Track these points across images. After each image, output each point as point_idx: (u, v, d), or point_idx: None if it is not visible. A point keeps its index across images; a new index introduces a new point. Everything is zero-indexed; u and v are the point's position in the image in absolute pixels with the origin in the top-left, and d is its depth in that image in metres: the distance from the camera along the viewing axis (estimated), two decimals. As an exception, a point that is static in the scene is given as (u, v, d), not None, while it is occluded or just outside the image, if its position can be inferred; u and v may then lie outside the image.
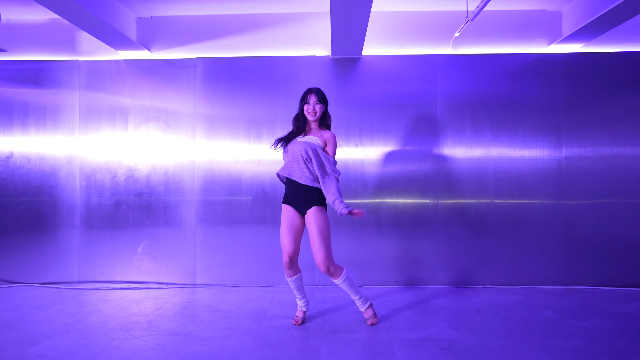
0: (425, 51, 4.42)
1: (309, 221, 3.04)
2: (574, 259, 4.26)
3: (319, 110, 3.13)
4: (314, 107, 3.12)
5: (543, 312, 3.47)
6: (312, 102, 3.12)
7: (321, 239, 2.97)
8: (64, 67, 4.45)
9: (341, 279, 3.04)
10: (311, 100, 3.12)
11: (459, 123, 4.33)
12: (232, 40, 4.49)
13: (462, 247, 4.31)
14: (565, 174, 4.29)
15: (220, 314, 3.48)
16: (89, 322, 3.28)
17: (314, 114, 3.12)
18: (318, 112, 3.13)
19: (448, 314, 3.46)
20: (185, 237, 4.41)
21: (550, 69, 4.30)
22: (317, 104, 3.12)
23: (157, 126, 4.43)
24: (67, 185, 4.45)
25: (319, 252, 2.97)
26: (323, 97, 3.17)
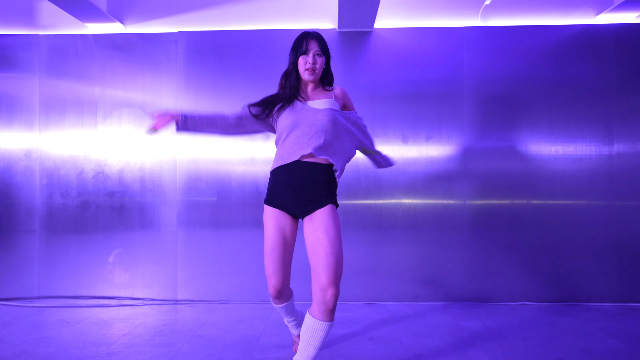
0: (450, 23, 3.73)
1: (321, 225, 2.04)
2: (629, 270, 3.57)
3: (319, 67, 2.17)
4: (314, 60, 2.15)
5: (605, 341, 2.77)
6: (312, 52, 2.15)
7: (338, 248, 2.01)
8: (21, 44, 3.76)
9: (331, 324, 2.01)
10: (311, 49, 2.15)
11: (489, 113, 3.64)
12: (220, 11, 3.79)
13: (493, 255, 3.62)
14: (618, 172, 3.59)
15: (203, 341, 2.79)
16: (33, 354, 2.59)
17: (312, 71, 2.15)
18: (319, 67, 2.17)
19: (485, 341, 2.77)
20: (165, 243, 3.72)
21: (600, 43, 3.60)
22: (319, 55, 2.17)
23: (131, 113, 3.74)
24: (25, 183, 3.76)
25: (333, 265, 1.96)
26: (326, 46, 2.21)
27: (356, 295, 3.64)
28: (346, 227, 3.58)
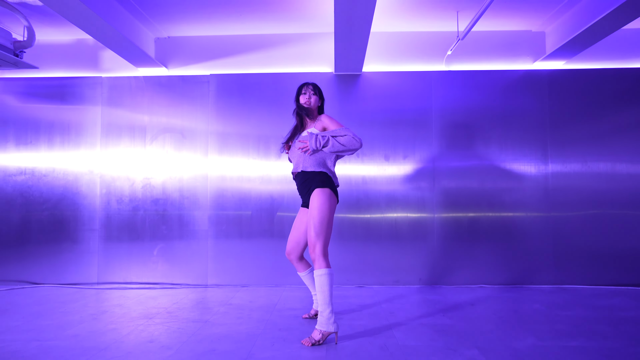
0: (421, 68, 4.80)
1: (310, 205, 2.95)
2: (562, 262, 4.56)
3: (313, 101, 3.13)
4: (309, 96, 3.12)
5: (532, 305, 3.76)
6: (309, 91, 3.14)
7: (318, 220, 2.86)
8: (87, 84, 4.83)
9: (320, 271, 2.80)
10: (308, 89, 3.14)
11: (452, 138, 4.68)
12: (242, 58, 4.88)
13: (457, 253, 4.61)
14: (553, 188, 4.61)
15: (233, 307, 3.76)
16: (113, 312, 3.57)
17: (308, 103, 3.11)
18: (313, 102, 3.12)
19: (443, 306, 3.75)
20: (198, 241, 4.72)
21: (536, 84, 4.67)
22: (313, 94, 3.14)
23: (172, 137, 4.78)
24: (89, 192, 4.78)
25: (311, 233, 2.87)
26: (319, 90, 3.18)
27: (349, 280, 4.62)
28: (342, 235, 4.61)
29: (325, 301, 2.78)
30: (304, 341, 2.78)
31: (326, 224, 2.89)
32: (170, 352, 2.63)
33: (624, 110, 4.61)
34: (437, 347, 2.71)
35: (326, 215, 2.89)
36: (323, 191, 2.94)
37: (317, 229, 2.87)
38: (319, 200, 2.91)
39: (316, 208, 2.90)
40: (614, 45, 4.72)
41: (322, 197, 2.92)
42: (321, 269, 2.82)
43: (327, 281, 2.80)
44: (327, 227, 2.89)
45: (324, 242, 2.87)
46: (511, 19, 4.52)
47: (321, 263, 2.83)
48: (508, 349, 2.66)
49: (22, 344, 2.79)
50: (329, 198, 2.94)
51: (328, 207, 2.92)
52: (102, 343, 2.80)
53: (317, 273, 2.82)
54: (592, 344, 2.76)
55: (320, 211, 2.89)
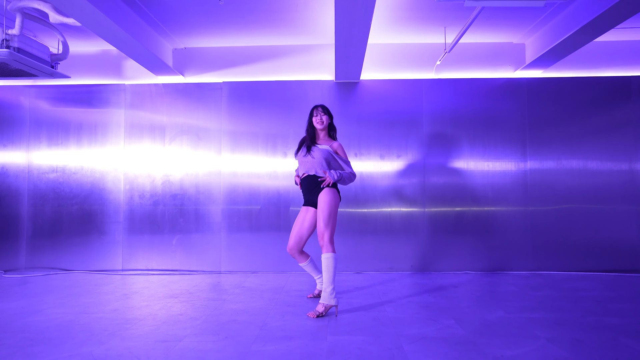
0: (413, 76, 5.32)
1: (319, 200, 3.53)
2: (539, 251, 5.09)
3: (325, 120, 3.70)
4: (321, 118, 3.69)
5: (507, 287, 4.30)
6: (320, 114, 3.71)
7: (327, 213, 3.44)
8: (112, 90, 5.35)
9: (327, 255, 3.35)
10: (318, 112, 3.72)
11: (441, 137, 5.20)
12: (252, 67, 5.39)
13: (445, 243, 5.14)
14: (531, 184, 5.14)
15: (246, 289, 4.30)
16: (142, 293, 4.11)
17: (322, 122, 3.69)
18: (325, 121, 3.70)
19: (429, 288, 4.28)
20: (212, 232, 5.25)
21: (516, 91, 5.19)
22: (323, 115, 3.71)
23: (189, 138, 5.30)
24: (113, 187, 5.31)
25: (320, 224, 3.45)
26: (327, 110, 3.75)
27: (348, 267, 5.15)
28: (341, 227, 5.13)
29: (329, 279, 3.36)
30: (310, 313, 3.33)
31: (333, 216, 3.50)
32: (199, 322, 3.17)
33: (595, 114, 5.13)
34: (420, 318, 3.25)
35: (334, 209, 3.51)
36: (332, 190, 3.56)
37: (326, 220, 3.46)
38: (328, 197, 3.51)
39: (326, 202, 3.50)
40: (587, 56, 5.23)
41: (331, 194, 3.53)
42: (329, 253, 3.39)
43: (333, 263, 3.37)
44: (334, 219, 3.50)
45: (331, 231, 3.47)
46: (494, 32, 5.03)
47: (329, 248, 3.42)
48: (479, 319, 3.20)
49: (73, 316, 3.33)
50: (335, 196, 3.57)
51: (335, 203, 3.54)
52: (140, 315, 3.34)
53: (325, 256, 3.39)
54: (550, 315, 3.30)
55: (329, 205, 3.49)
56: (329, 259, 3.38)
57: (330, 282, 3.35)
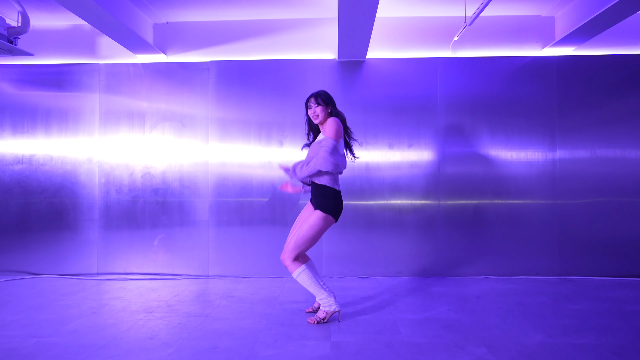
0: (426, 54, 4.68)
1: (307, 216, 3.13)
2: (568, 252, 4.49)
3: (320, 112, 3.11)
4: (314, 110, 3.13)
5: (538, 298, 3.70)
6: (313, 105, 3.14)
7: (302, 235, 3.01)
8: (85, 70, 4.72)
9: (294, 274, 3.04)
10: (311, 103, 3.15)
11: (458, 125, 4.58)
12: (243, 45, 4.75)
13: (462, 242, 4.55)
14: (560, 175, 4.52)
15: (235, 299, 3.71)
16: (113, 306, 3.52)
17: (317, 116, 3.13)
18: (320, 114, 3.11)
19: (448, 299, 3.69)
20: (199, 231, 4.65)
21: (544, 71, 4.55)
22: (317, 106, 3.12)
23: (172, 125, 4.68)
24: (87, 181, 4.70)
25: (288, 244, 3.07)
26: (323, 99, 3.14)
27: (352, 271, 4.56)
28: (345, 222, 4.54)
29: (315, 290, 3.05)
30: (310, 320, 3.06)
31: (311, 241, 3.05)
32: (171, 350, 2.58)
33: (634, 97, 4.49)
34: (444, 344, 2.66)
35: (315, 235, 3.04)
36: (324, 216, 3.04)
37: (300, 242, 3.03)
38: (316, 220, 3.03)
39: (310, 225, 3.03)
40: (626, 30, 4.58)
41: (321, 219, 3.03)
42: (296, 271, 3.04)
43: (307, 276, 3.03)
44: (310, 243, 3.06)
45: (299, 253, 3.06)
46: (520, 2, 4.38)
47: (293, 267, 3.05)
48: (516, 346, 2.61)
49: (20, 340, 2.74)
50: (326, 223, 3.05)
51: (321, 229, 3.05)
52: (101, 339, 2.75)
53: (295, 275, 3.04)
54: (601, 340, 2.70)
55: (311, 229, 3.02)
56: (302, 274, 3.04)
57: (319, 292, 3.06)
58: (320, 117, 3.13)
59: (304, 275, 3.02)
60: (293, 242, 3.03)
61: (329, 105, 3.17)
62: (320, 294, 3.05)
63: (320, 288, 3.05)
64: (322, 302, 3.07)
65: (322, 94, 3.17)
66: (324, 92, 3.19)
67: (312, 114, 3.15)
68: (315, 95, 3.15)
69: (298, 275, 3.03)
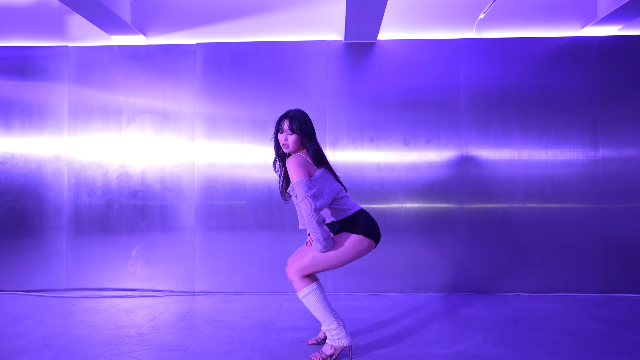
0: (447, 35, 4.04)
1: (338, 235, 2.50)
2: (614, 265, 3.85)
3: (291, 143, 2.45)
4: (286, 138, 2.45)
5: (589, 323, 3.05)
6: (286, 131, 2.46)
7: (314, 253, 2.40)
8: (52, 55, 4.08)
9: (300, 294, 2.42)
10: (284, 128, 2.46)
11: (484, 119, 3.94)
12: (235, 24, 4.11)
13: (488, 252, 3.91)
14: (604, 176, 3.88)
15: (222, 325, 3.07)
16: (72, 335, 2.87)
17: (287, 146, 2.46)
18: (291, 145, 2.45)
19: (481, 324, 3.05)
20: (183, 240, 4.01)
21: (585, 54, 3.91)
22: (289, 134, 2.44)
23: (153, 119, 4.04)
24: (55, 183, 4.06)
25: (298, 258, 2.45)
26: (300, 125, 2.45)
27: (362, 287, 3.92)
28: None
29: (324, 318, 2.43)
30: (314, 357, 2.42)
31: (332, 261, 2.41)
32: (130, 406, 1.93)
33: (691, 85, 3.86)
34: (491, 396, 2.02)
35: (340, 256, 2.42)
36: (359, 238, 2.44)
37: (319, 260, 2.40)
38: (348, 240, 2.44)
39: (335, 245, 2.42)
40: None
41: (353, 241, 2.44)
42: (304, 290, 2.42)
43: (317, 298, 2.41)
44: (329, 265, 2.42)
45: (313, 272, 2.45)
46: (556, -25, 3.75)
47: (301, 285, 2.42)
48: (588, 401, 1.97)
49: None
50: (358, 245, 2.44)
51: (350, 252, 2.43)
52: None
53: (301, 295, 2.43)
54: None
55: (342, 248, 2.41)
56: (310, 295, 2.41)
57: (329, 321, 2.42)
58: (290, 148, 2.47)
59: (313, 296, 2.41)
60: (310, 257, 2.40)
61: (304, 136, 2.48)
62: (329, 323, 2.43)
63: (330, 316, 2.43)
64: (331, 335, 2.44)
65: (299, 118, 2.47)
66: (302, 116, 2.50)
67: (283, 141, 2.47)
68: (290, 118, 2.46)
69: (306, 295, 2.41)
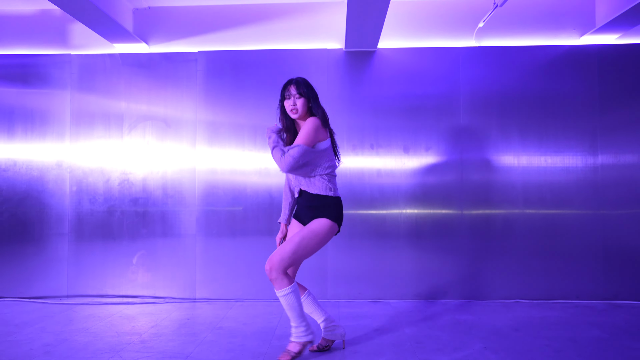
0: (446, 43, 4.07)
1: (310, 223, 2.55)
2: (614, 272, 3.86)
3: (300, 107, 2.55)
4: (294, 102, 2.55)
5: (590, 331, 3.06)
6: (293, 96, 2.55)
7: (294, 242, 2.45)
8: (54, 62, 4.11)
9: (280, 293, 2.44)
10: (291, 92, 2.56)
11: (483, 126, 3.97)
12: (236, 33, 4.14)
13: (488, 259, 3.92)
14: (603, 182, 3.90)
15: (224, 332, 3.08)
16: (73, 342, 2.88)
17: (295, 111, 2.55)
18: (300, 108, 2.55)
19: (481, 332, 3.06)
20: (184, 247, 4.03)
21: (583, 62, 3.94)
22: (297, 97, 2.55)
23: (154, 126, 4.06)
24: (56, 190, 4.08)
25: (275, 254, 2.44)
26: (307, 89, 2.57)
27: (362, 294, 3.93)
28: (352, 234, 3.93)
29: (298, 318, 2.50)
30: (282, 357, 2.49)
31: (310, 251, 2.51)
32: (132, 414, 1.94)
33: (689, 92, 3.89)
34: (492, 404, 2.02)
35: (316, 245, 2.53)
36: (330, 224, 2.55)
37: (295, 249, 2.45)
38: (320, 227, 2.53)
39: (313, 231, 2.51)
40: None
41: (326, 226, 2.53)
42: (284, 289, 2.44)
43: (295, 300, 2.46)
44: (306, 254, 2.51)
45: (291, 263, 2.47)
46: (555, -16, 3.79)
47: (282, 283, 2.44)
48: (588, 409, 1.97)
49: (-62, 397, 2.11)
50: (330, 232, 2.56)
51: (324, 238, 2.54)
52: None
53: (281, 293, 2.45)
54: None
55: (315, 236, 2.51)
56: (289, 296, 2.44)
57: (301, 319, 2.50)
58: (299, 112, 2.56)
59: (292, 296, 2.44)
60: (288, 248, 2.44)
61: (311, 99, 2.59)
62: (300, 322, 2.50)
63: (303, 315, 2.51)
64: (299, 333, 2.51)
65: (304, 83, 2.59)
66: (306, 81, 2.61)
67: (291, 106, 2.56)
68: (295, 83, 2.57)
69: (286, 294, 2.43)
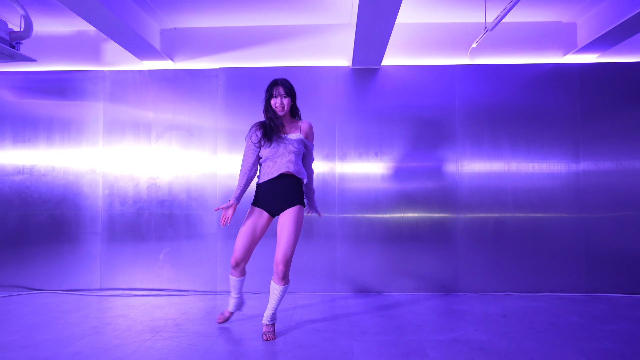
0: (443, 61, 4.51)
1: (287, 218, 2.96)
2: (594, 268, 4.28)
3: (286, 105, 2.98)
4: (281, 101, 2.96)
5: (569, 317, 3.48)
6: (280, 95, 2.97)
7: (294, 237, 2.93)
8: (88, 78, 4.54)
9: (285, 287, 2.96)
10: (280, 92, 2.96)
11: (477, 135, 4.39)
12: (254, 51, 4.59)
13: (482, 257, 4.33)
14: (584, 187, 4.32)
15: (246, 318, 3.49)
16: (117, 324, 3.30)
17: (282, 108, 2.97)
18: (286, 106, 2.98)
19: (473, 318, 3.47)
20: (206, 244, 4.44)
21: (567, 79, 4.38)
22: (284, 97, 2.97)
23: (179, 135, 4.49)
24: (90, 193, 4.50)
25: (288, 249, 2.89)
26: (290, 89, 3.02)
27: (369, 287, 4.34)
28: (359, 236, 4.35)
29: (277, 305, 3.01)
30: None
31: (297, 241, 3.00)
32: (183, 376, 2.36)
33: (661, 106, 4.32)
34: (479, 369, 2.44)
35: (299, 232, 3.01)
36: (302, 209, 3.07)
37: (292, 245, 2.92)
38: (298, 217, 2.99)
39: (296, 224, 2.96)
40: (651, 37, 4.43)
41: (301, 215, 3.03)
42: (287, 285, 2.98)
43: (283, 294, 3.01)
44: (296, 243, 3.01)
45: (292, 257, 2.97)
46: (540, 8, 4.23)
47: (288, 279, 2.97)
48: (559, 373, 2.39)
49: (17, 364, 2.52)
50: (303, 216, 3.08)
51: (301, 225, 3.05)
52: (106, 364, 2.53)
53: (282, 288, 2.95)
54: (650, 366, 2.49)
55: (298, 227, 2.97)
56: (284, 290, 3.00)
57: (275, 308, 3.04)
58: (286, 109, 3.01)
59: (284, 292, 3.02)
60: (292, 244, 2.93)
61: (294, 99, 3.07)
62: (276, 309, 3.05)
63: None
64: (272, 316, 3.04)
65: (289, 85, 3.03)
66: (289, 82, 3.06)
67: (278, 104, 2.98)
68: (282, 84, 2.98)
69: (285, 289, 2.98)
